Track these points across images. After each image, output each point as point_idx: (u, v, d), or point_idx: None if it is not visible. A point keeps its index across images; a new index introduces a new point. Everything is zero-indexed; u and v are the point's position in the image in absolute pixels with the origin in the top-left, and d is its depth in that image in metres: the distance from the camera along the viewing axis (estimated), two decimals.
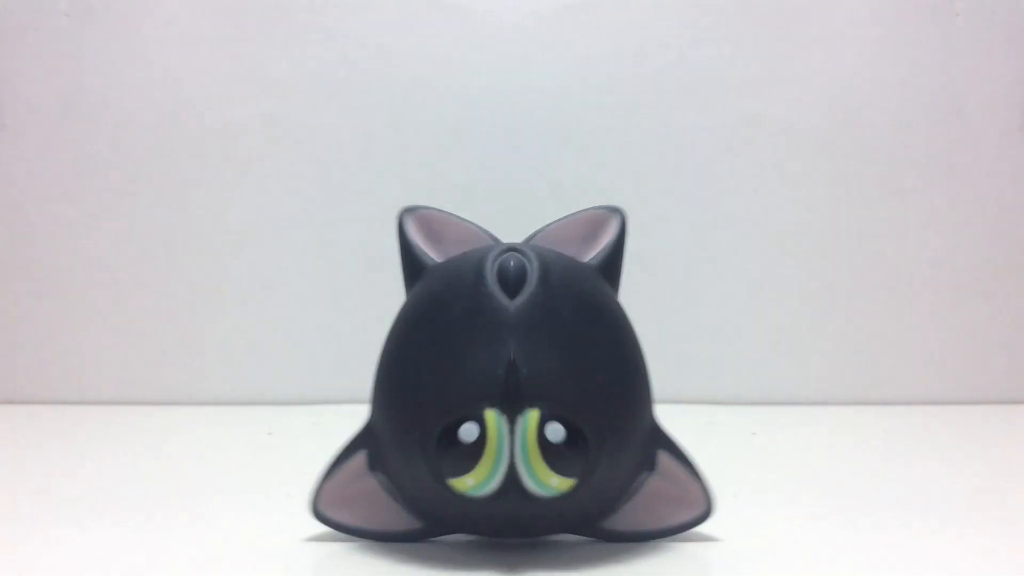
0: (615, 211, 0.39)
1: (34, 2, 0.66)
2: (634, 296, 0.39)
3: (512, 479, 0.30)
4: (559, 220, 0.39)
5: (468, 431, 0.30)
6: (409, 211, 0.39)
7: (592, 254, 0.37)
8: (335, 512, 0.35)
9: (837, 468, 0.49)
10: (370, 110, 0.68)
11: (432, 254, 0.37)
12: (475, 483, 0.30)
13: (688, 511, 0.35)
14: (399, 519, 0.34)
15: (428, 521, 0.34)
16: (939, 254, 0.69)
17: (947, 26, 0.67)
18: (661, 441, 0.35)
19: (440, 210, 0.39)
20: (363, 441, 0.35)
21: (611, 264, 0.37)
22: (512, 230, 0.68)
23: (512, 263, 0.33)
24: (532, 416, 0.30)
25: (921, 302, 0.69)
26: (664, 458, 0.35)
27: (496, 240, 0.38)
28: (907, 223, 0.69)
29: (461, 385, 0.30)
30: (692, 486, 0.35)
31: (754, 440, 0.57)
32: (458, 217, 0.39)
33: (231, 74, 0.67)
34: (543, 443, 0.29)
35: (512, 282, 0.32)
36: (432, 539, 0.35)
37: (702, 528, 0.36)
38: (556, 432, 0.30)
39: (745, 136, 0.68)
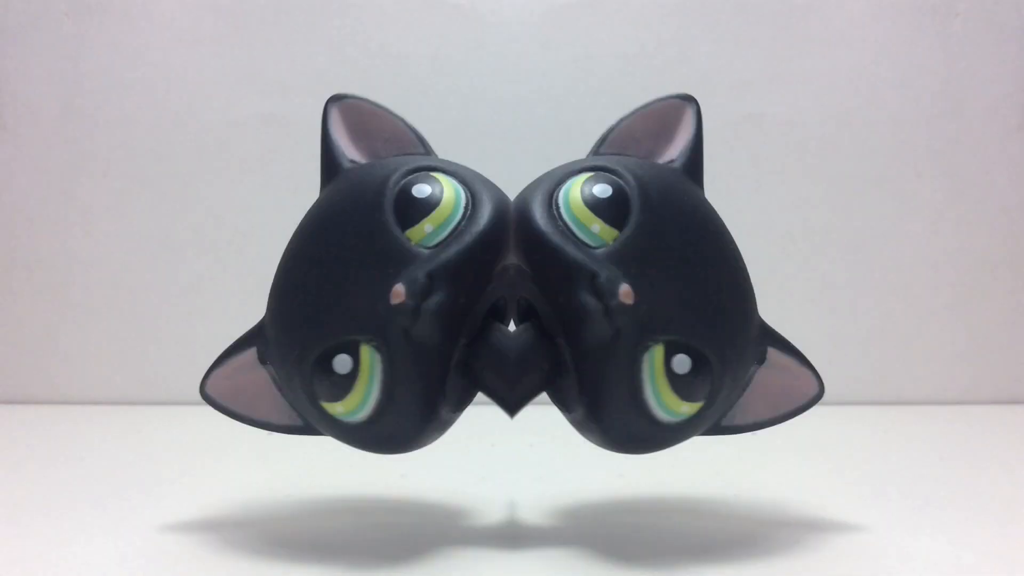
0: (688, 100, 0.37)
1: (34, 2, 0.66)
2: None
3: (641, 416, 0.30)
4: (626, 117, 0.37)
5: (342, 362, 0.29)
6: (336, 100, 0.37)
7: (672, 154, 0.36)
8: (220, 394, 0.34)
9: (835, 468, 0.49)
10: None
11: (354, 152, 0.36)
12: (344, 411, 0.30)
13: (801, 396, 0.34)
14: (283, 413, 0.34)
15: (308, 423, 0.34)
16: (938, 254, 0.69)
17: (947, 26, 0.67)
18: (768, 337, 0.34)
19: (372, 102, 0.37)
20: (254, 338, 0.34)
21: (694, 159, 0.36)
22: None
23: (610, 189, 0.31)
24: (658, 351, 0.29)
25: (920, 302, 0.69)
26: (772, 351, 0.34)
27: (425, 145, 0.36)
28: (906, 223, 0.69)
29: (342, 312, 0.30)
30: (801, 372, 0.34)
31: (752, 439, 0.57)
32: (390, 112, 0.37)
33: (231, 74, 0.67)
34: (671, 376, 0.29)
35: (614, 211, 0.31)
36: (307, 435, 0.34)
37: (700, 528, 0.36)
38: (682, 363, 0.29)
39: (744, 135, 0.68)
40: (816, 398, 0.34)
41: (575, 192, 0.32)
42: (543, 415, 0.44)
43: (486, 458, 0.49)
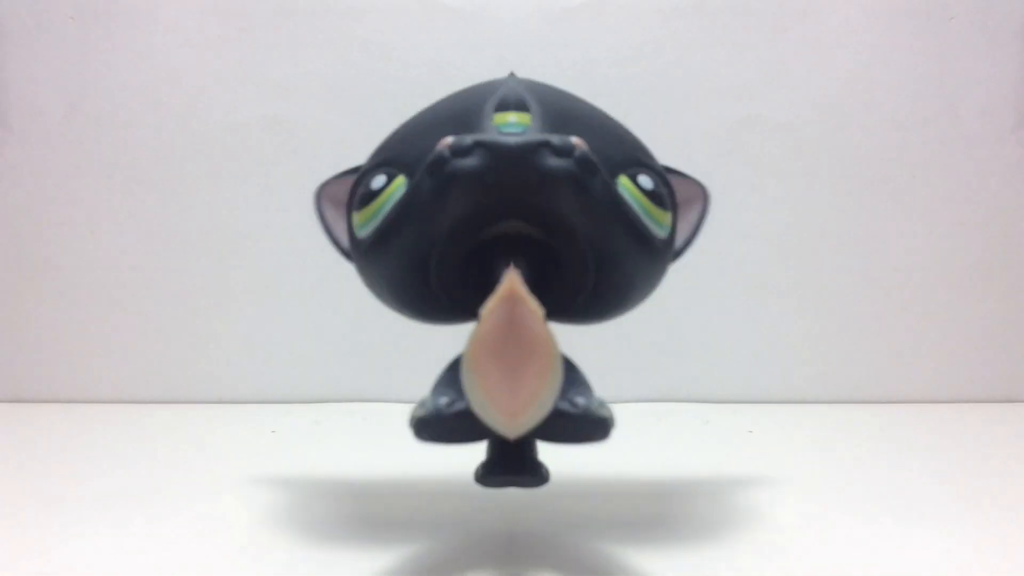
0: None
1: (39, 5, 0.67)
2: None
3: (646, 241, 0.32)
4: None
5: (378, 180, 0.32)
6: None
7: None
8: (327, 199, 0.39)
9: (834, 466, 0.50)
10: (373, 112, 0.68)
11: None
12: (359, 222, 0.33)
13: (696, 208, 0.39)
14: (344, 236, 0.37)
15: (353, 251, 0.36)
16: (935, 254, 0.69)
17: (942, 29, 0.68)
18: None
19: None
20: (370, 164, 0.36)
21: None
22: None
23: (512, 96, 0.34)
24: (623, 179, 0.32)
25: (917, 301, 0.70)
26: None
27: None
28: (903, 223, 0.69)
29: (406, 148, 0.33)
30: (688, 185, 0.39)
31: (750, 438, 0.58)
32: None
33: (235, 77, 0.68)
34: (646, 193, 0.32)
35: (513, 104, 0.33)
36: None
37: (699, 526, 0.36)
38: (646, 182, 0.32)
39: (742, 138, 0.68)
40: (707, 198, 0.39)
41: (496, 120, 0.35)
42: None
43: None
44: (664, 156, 0.72)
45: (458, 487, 0.44)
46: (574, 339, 0.36)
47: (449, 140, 0.29)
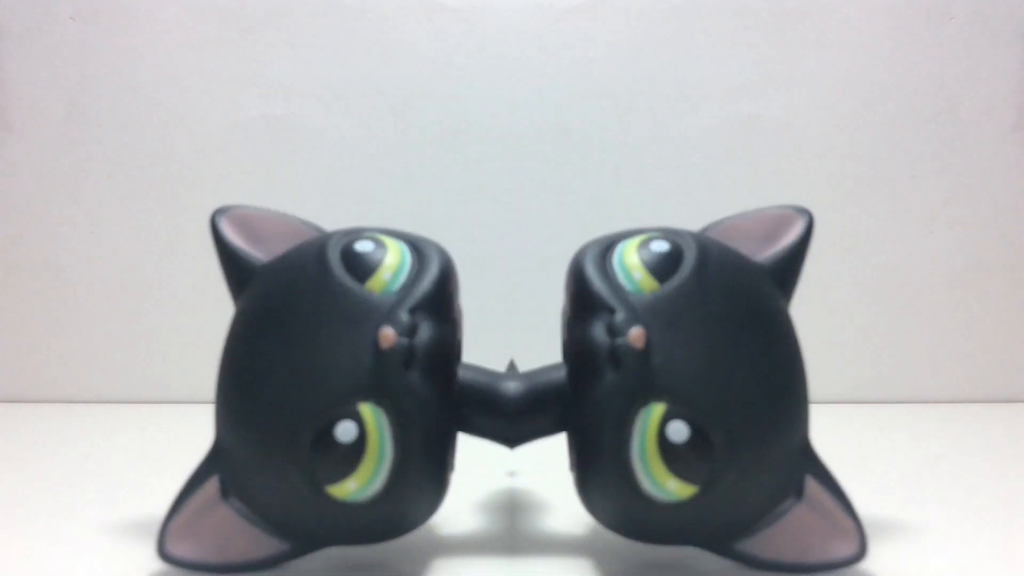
0: (802, 212, 0.35)
1: (40, 5, 0.67)
2: None
3: (623, 479, 0.28)
4: (741, 214, 0.35)
5: (345, 430, 0.27)
6: (221, 212, 0.34)
7: (767, 254, 0.34)
8: (186, 550, 0.30)
9: (833, 466, 0.50)
10: (373, 113, 0.68)
11: (257, 255, 0.34)
12: (358, 486, 0.27)
13: (837, 547, 0.31)
14: (263, 544, 0.30)
15: (298, 540, 0.31)
16: (935, 254, 0.69)
17: (942, 29, 0.68)
18: (812, 467, 0.31)
19: (255, 208, 0.35)
20: (212, 466, 0.31)
21: (785, 267, 0.34)
22: (512, 229, 0.69)
23: (668, 246, 0.30)
24: (656, 411, 0.27)
25: (917, 301, 0.70)
26: (813, 486, 0.31)
27: (321, 231, 0.35)
28: (903, 224, 0.69)
29: (329, 381, 0.28)
30: (844, 521, 0.31)
31: None
32: (276, 213, 0.35)
33: (235, 77, 0.68)
34: (663, 443, 0.27)
35: (664, 266, 0.30)
36: (301, 557, 0.31)
37: None
38: (679, 431, 0.27)
39: (742, 138, 0.68)
40: (852, 560, 0.30)
41: (632, 244, 0.31)
42: None
43: (485, 457, 0.50)
44: (664, 156, 0.72)
45: (458, 487, 0.44)
46: None
47: (390, 335, 0.28)
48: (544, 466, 0.41)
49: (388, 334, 0.27)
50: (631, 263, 0.30)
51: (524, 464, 0.46)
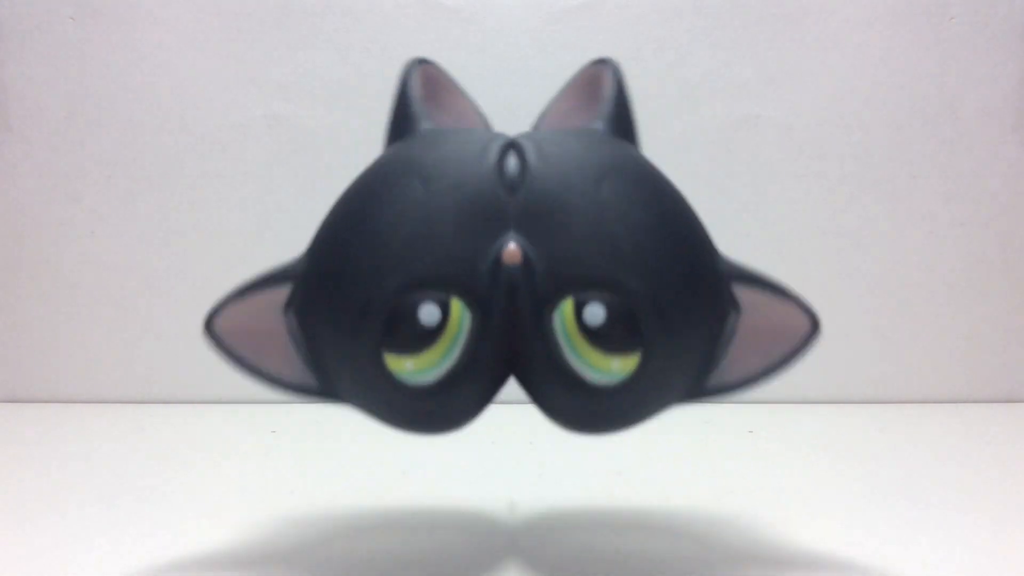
0: (602, 62, 0.35)
1: (40, 5, 0.67)
2: None
3: (577, 387, 0.28)
4: (554, 98, 0.36)
5: (429, 313, 0.27)
6: (419, 62, 0.34)
7: (597, 116, 0.33)
8: (227, 332, 0.31)
9: (833, 466, 0.50)
10: (373, 112, 0.68)
11: (427, 114, 0.33)
12: (415, 368, 0.27)
13: (792, 332, 0.31)
14: (296, 370, 0.31)
15: (328, 385, 0.31)
16: (935, 254, 0.69)
17: (942, 29, 0.68)
18: (734, 274, 0.31)
19: (447, 75, 0.35)
20: (291, 276, 0.31)
21: (619, 117, 0.33)
22: None
23: (512, 161, 0.30)
24: (565, 309, 0.27)
25: (917, 301, 0.70)
26: (744, 292, 0.31)
27: (489, 126, 0.35)
28: (903, 224, 0.69)
29: (438, 261, 0.27)
30: (785, 306, 0.31)
31: (751, 438, 0.58)
32: (461, 90, 0.36)
33: (235, 77, 0.68)
34: (587, 331, 0.27)
35: (511, 178, 0.29)
36: (319, 402, 0.32)
37: (699, 526, 0.36)
38: (595, 315, 0.27)
39: (742, 138, 0.68)
40: (811, 334, 0.31)
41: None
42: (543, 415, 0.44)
43: (486, 457, 0.50)
44: (664, 156, 0.72)
45: (458, 487, 0.44)
46: None
47: (517, 254, 0.27)
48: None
49: (514, 252, 0.27)
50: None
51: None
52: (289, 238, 0.76)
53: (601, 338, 0.27)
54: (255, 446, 0.55)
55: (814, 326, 0.31)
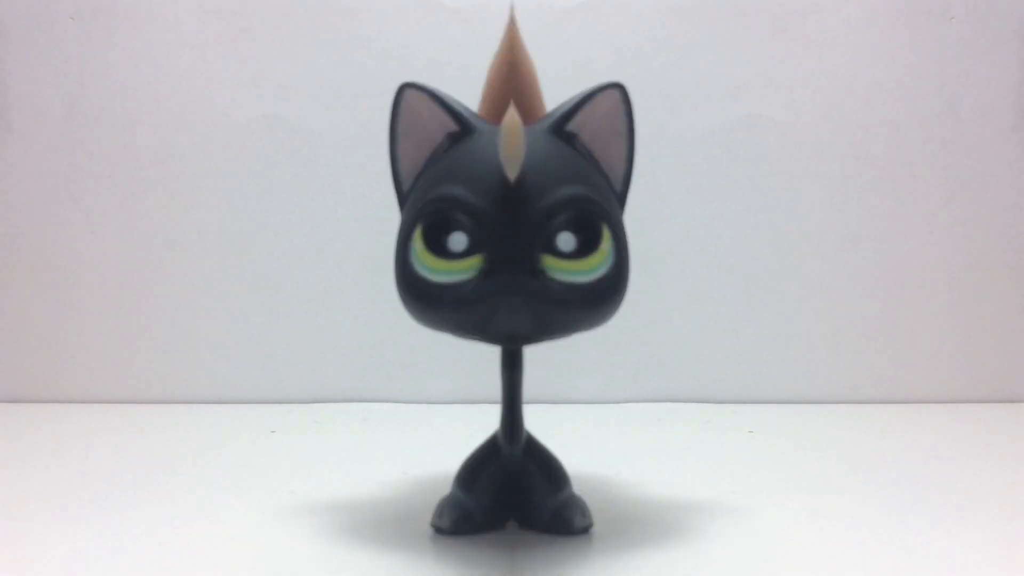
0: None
1: (40, 6, 0.67)
2: (632, 296, 0.40)
3: (556, 298, 0.32)
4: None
5: (456, 240, 0.32)
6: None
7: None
8: (407, 107, 0.41)
9: (834, 466, 0.50)
10: (373, 112, 0.68)
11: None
12: (430, 266, 0.33)
13: (617, 108, 0.41)
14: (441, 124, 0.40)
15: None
16: (934, 253, 0.70)
17: (942, 29, 0.68)
18: (562, 122, 0.39)
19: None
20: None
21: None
22: None
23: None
24: (547, 261, 0.32)
25: (917, 301, 0.70)
26: (571, 123, 0.39)
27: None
28: (903, 223, 0.69)
29: (475, 211, 0.33)
30: (598, 100, 0.40)
31: (751, 438, 0.58)
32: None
33: (235, 77, 0.68)
34: (564, 255, 0.32)
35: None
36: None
37: (699, 526, 0.36)
38: (568, 242, 0.32)
39: (742, 138, 0.68)
40: (624, 96, 0.40)
41: None
42: (543, 415, 0.44)
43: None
44: (664, 156, 0.72)
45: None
46: (576, 339, 0.36)
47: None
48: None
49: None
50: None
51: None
52: (289, 238, 0.77)
53: (581, 248, 0.33)
54: (255, 446, 0.55)
55: (620, 89, 0.40)
